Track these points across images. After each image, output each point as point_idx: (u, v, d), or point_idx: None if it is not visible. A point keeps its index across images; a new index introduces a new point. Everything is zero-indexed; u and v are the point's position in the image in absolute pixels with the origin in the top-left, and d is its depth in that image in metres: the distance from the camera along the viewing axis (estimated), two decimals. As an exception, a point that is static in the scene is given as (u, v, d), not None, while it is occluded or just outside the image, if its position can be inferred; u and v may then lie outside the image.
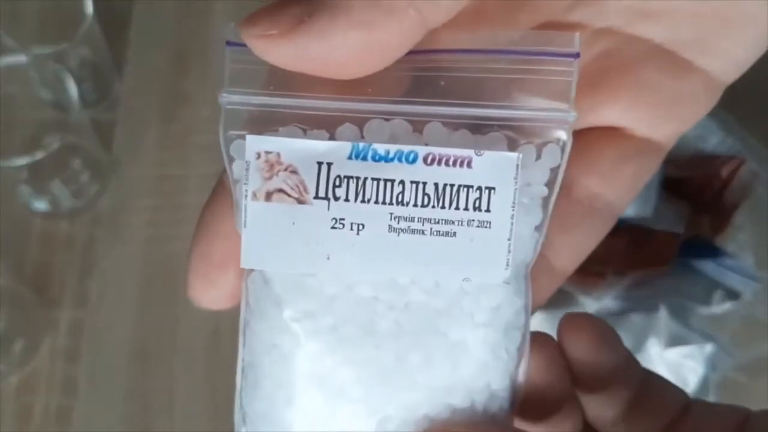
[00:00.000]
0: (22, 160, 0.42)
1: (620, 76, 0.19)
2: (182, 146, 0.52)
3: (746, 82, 0.20)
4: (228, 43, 0.17)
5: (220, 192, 0.18)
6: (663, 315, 0.43)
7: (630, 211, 0.45)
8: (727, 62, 0.19)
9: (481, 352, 0.18)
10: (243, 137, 0.17)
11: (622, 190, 0.20)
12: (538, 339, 0.19)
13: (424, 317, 0.17)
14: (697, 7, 0.18)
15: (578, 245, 0.20)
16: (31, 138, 0.47)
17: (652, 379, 0.21)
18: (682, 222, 0.46)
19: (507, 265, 0.17)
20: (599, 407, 0.21)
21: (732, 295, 0.44)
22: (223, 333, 0.47)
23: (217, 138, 0.17)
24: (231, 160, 0.17)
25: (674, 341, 0.43)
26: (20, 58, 0.45)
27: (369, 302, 0.17)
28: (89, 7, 0.47)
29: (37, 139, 0.47)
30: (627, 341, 0.43)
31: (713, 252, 0.45)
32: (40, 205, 0.49)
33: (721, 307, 0.44)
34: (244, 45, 0.16)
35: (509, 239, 0.17)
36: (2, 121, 0.46)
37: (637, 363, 0.21)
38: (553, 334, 0.21)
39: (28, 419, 0.45)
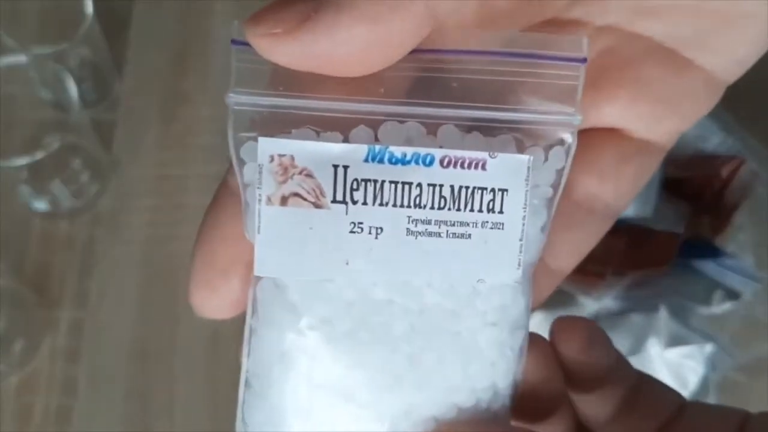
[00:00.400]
0: (22, 160, 0.42)
1: (621, 73, 0.19)
2: (182, 146, 0.52)
3: (747, 82, 0.20)
4: (233, 41, 0.16)
5: (222, 195, 0.18)
6: (663, 315, 0.43)
7: (630, 211, 0.45)
8: (727, 61, 0.19)
9: (490, 352, 0.18)
10: (254, 139, 0.16)
11: (622, 191, 0.20)
12: (532, 340, 0.19)
13: (438, 319, 0.17)
14: (697, 4, 0.18)
15: (578, 245, 0.21)
16: (31, 138, 0.47)
17: (646, 381, 0.21)
18: (682, 222, 0.46)
19: (519, 265, 0.17)
20: (592, 407, 0.21)
21: (732, 295, 0.44)
22: (223, 333, 0.47)
23: (217, 138, 0.17)
24: (242, 163, 0.17)
25: (674, 341, 0.43)
26: (20, 58, 0.45)
27: (384, 306, 0.17)
28: (89, 7, 0.47)
29: (37, 139, 0.47)
30: (627, 341, 0.44)
31: (713, 252, 0.45)
32: (40, 205, 0.49)
33: (721, 307, 0.44)
34: (249, 44, 0.16)
35: (521, 240, 0.17)
36: (2, 121, 0.46)
37: (628, 364, 0.21)
38: None
39: (28, 419, 0.45)
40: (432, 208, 0.17)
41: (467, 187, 0.17)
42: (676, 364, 0.43)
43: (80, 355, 0.46)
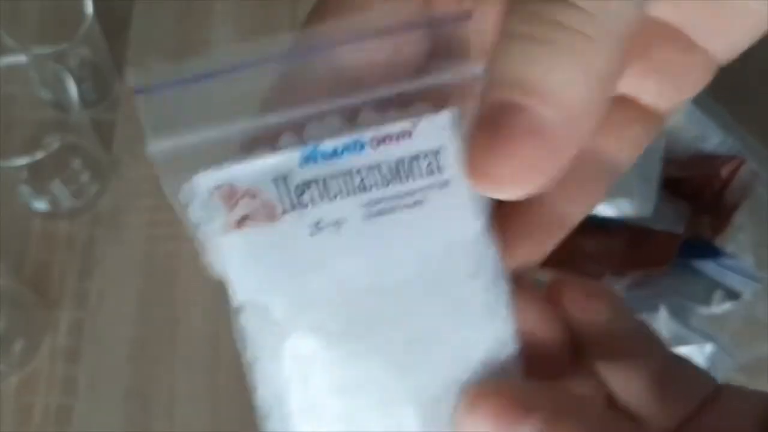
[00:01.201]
0: (22, 160, 0.42)
1: (631, 50, 0.20)
2: (182, 146, 0.52)
3: (747, 82, 0.20)
4: (136, 90, 0.16)
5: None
6: (663, 315, 0.43)
7: (630, 211, 0.45)
8: (725, 44, 0.20)
9: (478, 304, 0.18)
10: (187, 180, 0.17)
11: (626, 150, 0.21)
12: (523, 294, 0.20)
13: (420, 289, 0.18)
14: None
15: (588, 197, 0.21)
16: (31, 138, 0.47)
17: (683, 362, 0.21)
18: (682, 222, 0.46)
19: (477, 216, 0.18)
20: (621, 381, 0.21)
21: (732, 295, 0.44)
22: (223, 333, 0.47)
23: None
24: (184, 207, 0.17)
25: (674, 341, 0.43)
26: (20, 58, 0.45)
27: (366, 293, 0.17)
28: (89, 7, 0.47)
29: (37, 139, 0.47)
30: (627, 341, 0.43)
31: (713, 252, 0.45)
32: (40, 205, 0.49)
33: (721, 307, 0.44)
34: (152, 89, 0.16)
35: (470, 190, 0.17)
36: (2, 121, 0.46)
37: (659, 341, 0.21)
38: None
39: (28, 419, 0.45)
40: (378, 188, 0.17)
41: (402, 159, 0.17)
42: (676, 364, 0.43)
43: (80, 355, 0.46)
